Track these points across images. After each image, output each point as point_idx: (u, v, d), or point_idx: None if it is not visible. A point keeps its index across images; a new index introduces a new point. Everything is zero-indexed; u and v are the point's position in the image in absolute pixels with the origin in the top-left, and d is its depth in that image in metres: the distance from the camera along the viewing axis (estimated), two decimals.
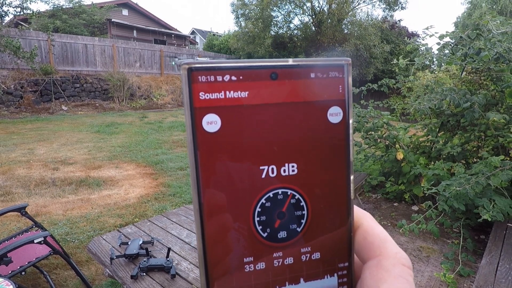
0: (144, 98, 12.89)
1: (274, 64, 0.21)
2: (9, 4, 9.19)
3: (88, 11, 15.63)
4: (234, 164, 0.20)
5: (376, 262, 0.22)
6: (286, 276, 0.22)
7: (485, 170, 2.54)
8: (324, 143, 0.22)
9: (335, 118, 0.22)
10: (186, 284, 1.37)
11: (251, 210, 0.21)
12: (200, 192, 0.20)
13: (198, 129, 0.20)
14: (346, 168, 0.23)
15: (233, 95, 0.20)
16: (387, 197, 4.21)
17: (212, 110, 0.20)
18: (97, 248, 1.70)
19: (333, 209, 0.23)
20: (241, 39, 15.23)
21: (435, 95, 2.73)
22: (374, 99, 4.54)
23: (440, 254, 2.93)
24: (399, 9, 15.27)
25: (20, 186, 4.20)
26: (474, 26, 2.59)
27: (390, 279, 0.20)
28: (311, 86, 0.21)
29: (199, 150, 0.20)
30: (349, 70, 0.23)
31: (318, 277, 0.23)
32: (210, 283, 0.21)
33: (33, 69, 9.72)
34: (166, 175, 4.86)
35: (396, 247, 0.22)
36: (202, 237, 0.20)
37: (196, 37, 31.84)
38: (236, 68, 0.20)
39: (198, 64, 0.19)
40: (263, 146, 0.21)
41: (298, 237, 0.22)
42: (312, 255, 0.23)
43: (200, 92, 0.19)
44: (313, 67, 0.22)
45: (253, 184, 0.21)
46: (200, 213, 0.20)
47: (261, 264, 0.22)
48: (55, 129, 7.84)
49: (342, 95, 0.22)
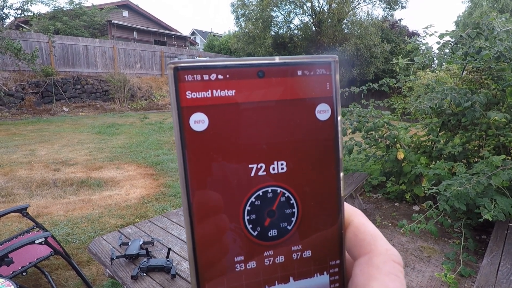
0: (145, 99, 12.91)
1: (261, 62, 0.21)
2: (10, 7, 9.22)
3: (89, 13, 15.68)
4: (222, 162, 0.20)
5: (367, 259, 0.21)
6: (278, 275, 0.22)
7: (486, 169, 2.53)
8: (313, 140, 0.22)
9: (323, 115, 0.22)
10: (186, 284, 1.37)
11: (240, 208, 0.21)
12: (189, 191, 0.20)
13: (186, 128, 0.20)
14: (336, 165, 0.23)
15: (220, 94, 0.20)
16: (388, 197, 4.20)
17: (199, 109, 0.20)
18: (98, 249, 1.70)
19: (323, 207, 0.23)
20: (241, 40, 15.24)
21: (435, 94, 2.73)
22: (375, 99, 4.53)
23: (441, 254, 2.92)
24: (399, 8, 15.25)
25: (21, 187, 4.21)
26: (475, 25, 2.58)
27: (380, 276, 0.20)
28: (298, 83, 0.21)
29: (187, 149, 0.20)
30: (336, 67, 0.22)
31: (310, 275, 0.23)
32: (200, 283, 0.21)
33: (34, 71, 9.76)
34: (167, 176, 4.87)
35: (386, 244, 0.22)
36: (192, 236, 0.20)
37: (197, 37, 31.88)
38: (222, 66, 0.20)
39: (185, 63, 0.19)
40: (251, 144, 0.21)
41: (288, 235, 0.22)
42: (303, 253, 0.22)
43: (186, 91, 0.19)
44: (300, 65, 0.21)
45: (242, 182, 0.21)
46: (189, 212, 0.20)
47: (252, 263, 0.21)
48: (56, 130, 7.86)
49: (329, 92, 0.22)
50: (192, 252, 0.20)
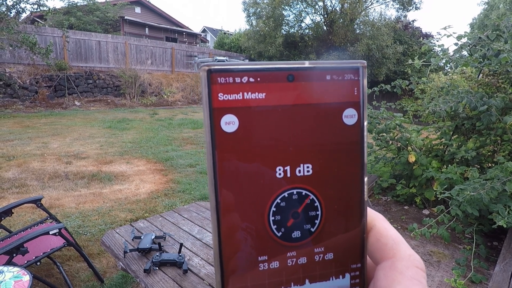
0: (155, 95, 13.04)
1: (291, 66, 0.21)
2: (26, 1, 9.41)
3: (102, 9, 15.90)
4: (250, 163, 0.21)
5: (390, 264, 0.22)
6: (300, 276, 0.23)
7: (500, 175, 2.47)
8: (339, 144, 0.22)
9: (350, 120, 0.22)
10: (197, 279, 1.39)
11: (266, 209, 0.22)
12: (217, 190, 0.20)
13: (217, 129, 0.20)
14: (361, 169, 0.23)
15: (251, 96, 0.20)
16: (398, 200, 4.15)
17: (230, 111, 0.20)
18: (111, 241, 1.73)
19: (347, 210, 0.23)
20: (251, 38, 15.23)
21: (450, 97, 2.68)
22: (386, 101, 4.48)
23: (451, 259, 2.88)
24: (413, 9, 15.00)
25: (34, 179, 4.31)
26: (494, 27, 2.52)
27: (404, 280, 0.21)
28: (327, 88, 0.22)
29: (217, 149, 0.20)
30: (364, 73, 0.23)
31: (331, 277, 0.23)
32: (225, 280, 0.21)
33: (48, 65, 9.95)
34: (176, 172, 4.91)
35: (409, 249, 0.22)
36: (218, 234, 0.21)
37: (207, 35, 31.99)
38: (253, 70, 0.20)
39: (218, 66, 0.20)
40: (279, 146, 0.21)
41: (311, 237, 0.23)
42: (325, 255, 0.23)
43: (219, 93, 0.20)
44: (329, 70, 0.22)
45: (268, 183, 0.21)
46: (217, 210, 0.21)
47: (275, 263, 0.22)
48: (68, 124, 8.01)
49: (357, 97, 0.22)
50: (218, 249, 0.21)
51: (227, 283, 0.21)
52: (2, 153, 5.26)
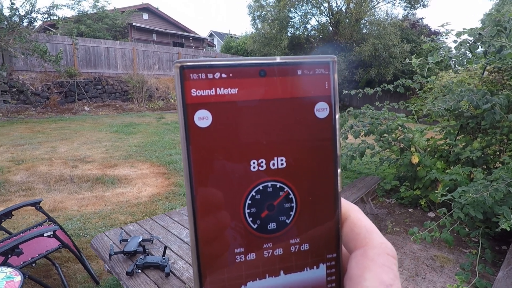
0: (162, 100, 13.22)
1: (263, 62, 0.22)
2: (38, 11, 9.73)
3: (111, 16, 16.29)
4: (225, 157, 0.21)
5: (362, 252, 0.22)
6: (276, 267, 0.23)
7: (506, 176, 2.37)
8: (312, 137, 0.23)
9: (322, 114, 0.23)
10: (179, 283, 1.37)
11: (241, 202, 0.22)
12: (193, 184, 0.21)
13: (190, 124, 0.21)
14: (334, 161, 0.23)
15: (224, 92, 0.21)
16: (402, 202, 4.05)
17: (203, 106, 0.21)
18: (99, 244, 1.75)
19: (321, 201, 0.24)
20: (257, 41, 15.26)
21: (451, 95, 2.60)
22: (393, 101, 4.38)
23: (455, 264, 2.78)
24: (420, 7, 14.72)
25: (41, 182, 4.41)
26: (495, 23, 2.43)
27: (375, 267, 0.21)
28: (298, 82, 0.22)
29: (191, 145, 0.21)
30: (334, 67, 0.23)
31: (307, 267, 0.24)
32: (202, 272, 0.22)
33: (59, 72, 10.23)
34: (179, 175, 4.94)
35: (381, 238, 0.23)
36: (195, 228, 0.21)
37: (214, 39, 32.30)
38: (226, 66, 0.21)
39: (190, 62, 0.21)
40: (252, 140, 0.22)
41: (287, 228, 0.23)
42: (301, 246, 0.23)
43: (191, 89, 0.20)
44: (299, 65, 0.22)
45: (243, 176, 0.22)
46: (193, 204, 0.21)
47: (251, 255, 0.22)
48: (77, 129, 8.20)
49: (328, 91, 0.23)
50: (194, 244, 0.21)
51: (204, 276, 0.21)
52: (12, 157, 5.42)
